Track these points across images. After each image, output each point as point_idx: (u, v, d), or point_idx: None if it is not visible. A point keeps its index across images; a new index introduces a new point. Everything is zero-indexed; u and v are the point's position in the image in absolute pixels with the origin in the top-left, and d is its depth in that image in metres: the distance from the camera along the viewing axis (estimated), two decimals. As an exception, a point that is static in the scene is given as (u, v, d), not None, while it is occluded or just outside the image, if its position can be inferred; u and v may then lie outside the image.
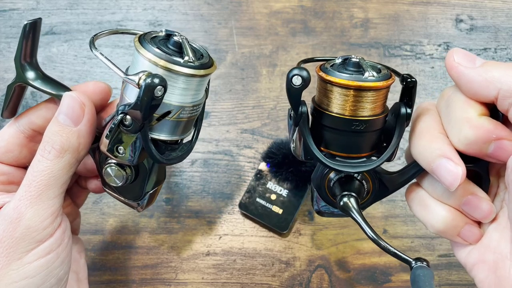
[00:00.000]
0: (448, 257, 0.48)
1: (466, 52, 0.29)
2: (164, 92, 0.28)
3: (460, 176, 0.27)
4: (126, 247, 0.48)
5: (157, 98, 0.28)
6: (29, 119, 0.34)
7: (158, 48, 0.29)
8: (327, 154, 0.32)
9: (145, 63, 0.29)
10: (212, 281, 0.47)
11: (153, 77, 0.27)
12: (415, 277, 0.28)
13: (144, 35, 0.31)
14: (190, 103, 0.31)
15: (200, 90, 0.32)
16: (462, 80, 0.28)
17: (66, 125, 0.31)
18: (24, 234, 0.29)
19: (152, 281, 0.47)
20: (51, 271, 0.31)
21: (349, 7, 0.61)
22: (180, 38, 0.30)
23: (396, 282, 0.47)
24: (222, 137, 0.54)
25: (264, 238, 0.49)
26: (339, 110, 0.30)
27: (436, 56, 0.58)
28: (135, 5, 0.60)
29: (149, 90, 0.27)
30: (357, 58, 0.30)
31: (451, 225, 0.31)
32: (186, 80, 0.30)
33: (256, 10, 0.60)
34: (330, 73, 0.30)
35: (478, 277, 0.30)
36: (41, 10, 0.59)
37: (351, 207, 0.32)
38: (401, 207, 0.50)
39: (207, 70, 0.31)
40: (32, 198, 0.30)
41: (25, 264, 0.29)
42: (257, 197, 0.49)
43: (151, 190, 0.36)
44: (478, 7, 0.61)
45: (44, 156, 0.30)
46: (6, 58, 0.56)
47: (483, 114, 0.28)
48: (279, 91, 0.56)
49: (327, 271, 0.47)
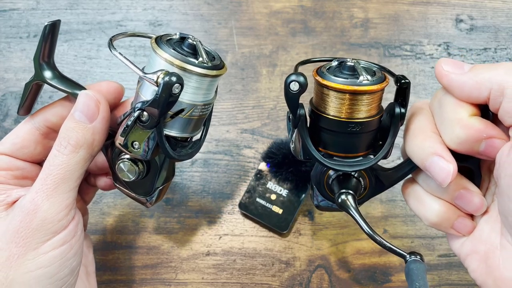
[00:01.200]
0: (448, 257, 0.48)
1: (454, 60, 0.30)
2: (181, 90, 0.30)
3: (451, 173, 0.29)
4: (126, 247, 0.48)
5: (175, 95, 0.29)
6: (44, 116, 0.35)
7: (173, 49, 0.31)
8: (325, 154, 0.33)
9: (162, 62, 0.31)
10: (212, 281, 0.47)
11: (171, 75, 0.29)
12: (408, 270, 0.30)
13: (160, 37, 0.32)
14: (202, 102, 0.33)
15: (211, 90, 0.34)
16: (454, 86, 0.29)
17: (81, 122, 0.32)
18: (40, 225, 0.30)
19: (152, 281, 0.47)
20: (65, 262, 0.32)
21: (349, 7, 0.61)
22: (194, 40, 0.32)
23: (396, 282, 0.47)
24: (222, 137, 0.54)
25: (264, 238, 0.49)
26: (335, 113, 0.31)
27: (436, 56, 0.58)
28: (135, 5, 0.60)
29: (167, 88, 0.29)
30: (352, 61, 0.31)
31: (445, 218, 0.32)
32: (199, 79, 0.31)
33: (256, 10, 0.60)
34: (326, 77, 0.31)
35: (471, 266, 0.32)
36: (41, 10, 0.59)
37: (348, 205, 0.33)
38: (401, 207, 0.50)
39: (218, 71, 0.32)
40: (49, 191, 0.31)
41: (40, 254, 0.30)
42: (257, 197, 0.49)
43: (161, 186, 0.37)
44: (478, 7, 0.61)
45: (60, 151, 0.32)
46: (6, 58, 0.56)
47: (474, 114, 0.29)
48: (279, 91, 0.56)
49: (327, 271, 0.47)
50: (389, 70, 0.33)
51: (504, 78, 0.27)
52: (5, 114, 0.53)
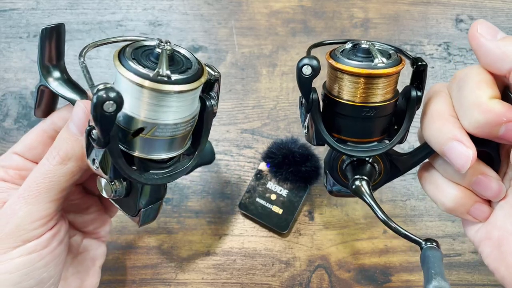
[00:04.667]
0: (448, 257, 0.48)
1: (490, 25, 0.29)
2: (116, 109, 0.25)
3: (470, 158, 0.28)
4: (126, 247, 0.48)
5: (109, 113, 0.25)
6: (52, 120, 0.36)
7: (134, 59, 0.27)
8: (338, 140, 0.33)
9: (116, 73, 0.27)
10: (212, 281, 0.47)
11: (106, 90, 0.25)
12: (424, 257, 0.29)
13: (125, 48, 0.28)
14: (166, 121, 0.28)
15: (182, 107, 0.28)
16: (481, 50, 0.29)
17: (73, 134, 0.31)
18: (13, 231, 0.30)
19: (152, 281, 0.47)
20: (32, 271, 0.31)
21: (349, 7, 0.61)
22: (163, 48, 0.28)
23: (396, 282, 0.47)
24: (222, 137, 0.54)
25: (264, 238, 0.49)
26: (349, 97, 0.31)
27: (436, 56, 0.58)
28: (135, 5, 0.60)
29: (98, 104, 0.25)
30: (367, 44, 0.30)
31: (461, 203, 0.32)
32: (153, 95, 0.27)
33: (256, 10, 0.60)
34: (340, 61, 0.30)
35: (485, 252, 0.31)
36: (41, 10, 0.59)
37: (363, 191, 0.33)
38: (401, 207, 0.50)
39: (181, 85, 0.27)
40: (29, 198, 0.31)
41: (7, 259, 0.30)
42: (257, 197, 0.49)
43: (144, 208, 0.34)
44: (478, 7, 0.61)
45: (48, 160, 0.31)
46: (6, 58, 0.56)
47: (493, 97, 0.28)
48: (279, 91, 0.56)
49: (327, 271, 0.47)
50: (405, 52, 0.32)
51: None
52: (5, 114, 0.53)
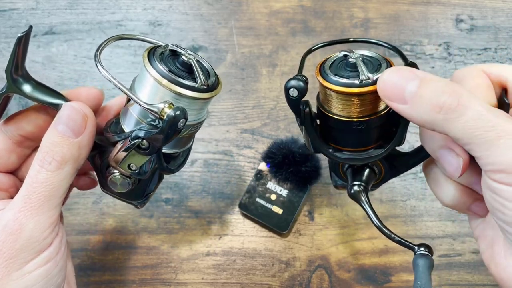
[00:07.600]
0: (448, 257, 0.48)
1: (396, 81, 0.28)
2: (185, 123, 0.29)
3: (461, 166, 0.28)
4: (126, 247, 0.48)
5: (179, 129, 0.29)
6: (17, 124, 0.34)
7: (165, 66, 0.30)
8: (335, 149, 0.33)
9: (150, 80, 0.29)
10: (212, 281, 0.47)
11: (176, 110, 0.28)
12: (414, 266, 0.30)
13: (153, 50, 0.31)
14: (193, 122, 0.32)
15: (204, 108, 0.33)
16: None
17: (67, 136, 0.30)
18: (25, 245, 0.29)
19: (152, 281, 0.47)
20: (50, 279, 0.31)
21: (349, 7, 0.61)
22: (189, 58, 0.30)
23: (396, 282, 0.47)
24: (222, 137, 0.54)
25: (264, 238, 0.49)
26: (338, 112, 0.31)
27: (436, 56, 0.58)
28: (135, 5, 0.60)
29: (173, 123, 0.28)
30: (354, 57, 0.30)
31: (460, 201, 0.32)
32: (191, 102, 0.30)
33: (256, 10, 0.60)
34: (327, 79, 0.30)
35: (481, 247, 0.32)
36: (40, 10, 0.59)
37: (359, 198, 0.35)
38: (401, 207, 0.50)
39: (211, 93, 0.31)
40: (33, 209, 0.30)
41: (25, 274, 0.29)
42: (257, 197, 0.49)
43: (152, 192, 0.37)
44: (478, 7, 0.61)
45: (44, 167, 0.30)
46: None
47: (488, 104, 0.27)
48: (279, 91, 0.56)
49: (327, 271, 0.47)
50: (402, 54, 0.33)
51: None
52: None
